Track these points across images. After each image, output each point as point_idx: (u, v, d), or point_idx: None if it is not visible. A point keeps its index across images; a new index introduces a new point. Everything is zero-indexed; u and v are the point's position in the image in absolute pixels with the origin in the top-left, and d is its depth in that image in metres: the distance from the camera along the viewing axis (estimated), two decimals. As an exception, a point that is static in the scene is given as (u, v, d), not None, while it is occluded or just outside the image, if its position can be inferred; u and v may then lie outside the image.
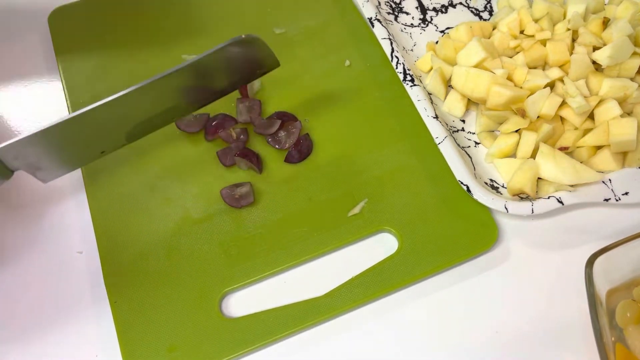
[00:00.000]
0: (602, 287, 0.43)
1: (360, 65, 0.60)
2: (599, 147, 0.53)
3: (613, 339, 0.42)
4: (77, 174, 0.54)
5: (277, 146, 0.55)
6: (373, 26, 0.59)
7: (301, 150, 0.54)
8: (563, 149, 0.52)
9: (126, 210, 0.52)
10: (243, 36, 0.47)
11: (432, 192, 0.52)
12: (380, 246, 0.51)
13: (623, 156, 0.52)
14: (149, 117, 0.49)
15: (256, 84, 0.58)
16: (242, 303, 0.48)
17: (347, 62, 0.60)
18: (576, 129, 0.53)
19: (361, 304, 0.48)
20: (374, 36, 0.60)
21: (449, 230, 0.50)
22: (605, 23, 0.55)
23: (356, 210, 0.52)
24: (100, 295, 0.49)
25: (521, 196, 0.51)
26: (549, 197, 0.49)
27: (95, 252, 0.51)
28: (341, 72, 0.60)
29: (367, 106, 0.58)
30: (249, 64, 0.50)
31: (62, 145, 0.46)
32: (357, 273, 0.49)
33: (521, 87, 0.54)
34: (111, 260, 0.50)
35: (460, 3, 0.64)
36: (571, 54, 0.55)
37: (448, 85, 0.58)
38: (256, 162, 0.53)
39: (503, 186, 0.53)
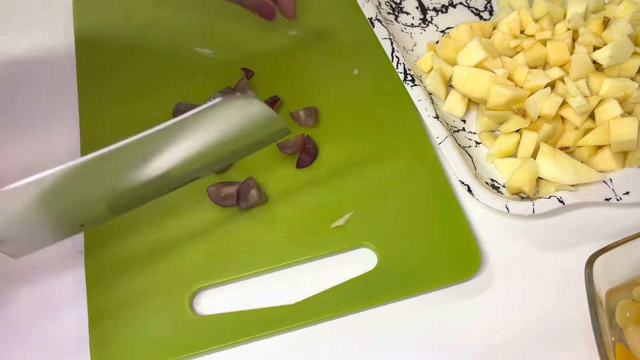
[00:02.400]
0: (602, 287, 0.43)
1: (368, 76, 0.60)
2: (599, 147, 0.53)
3: (613, 338, 0.42)
4: None
5: (286, 150, 0.54)
6: (373, 26, 0.59)
7: (310, 152, 0.54)
8: (564, 148, 0.52)
9: None
10: (237, 94, 0.43)
11: (419, 215, 0.51)
12: (359, 261, 0.50)
13: (624, 156, 0.52)
14: (134, 185, 0.42)
15: None
16: (213, 301, 0.48)
17: (355, 71, 0.60)
18: (577, 128, 0.53)
19: (330, 318, 0.47)
20: (382, 46, 0.59)
21: (431, 253, 0.49)
22: (606, 23, 0.55)
23: (340, 222, 0.51)
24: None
25: (521, 196, 0.51)
26: (549, 197, 0.49)
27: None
28: (348, 81, 0.60)
29: (371, 117, 0.57)
30: (253, 131, 0.44)
31: (32, 215, 0.39)
32: (331, 286, 0.48)
33: (522, 87, 0.54)
34: (94, 246, 0.50)
35: (461, 3, 0.64)
36: (571, 53, 0.55)
37: (448, 85, 0.58)
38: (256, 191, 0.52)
39: (504, 186, 0.53)
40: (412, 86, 0.55)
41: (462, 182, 0.50)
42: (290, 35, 0.63)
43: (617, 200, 0.50)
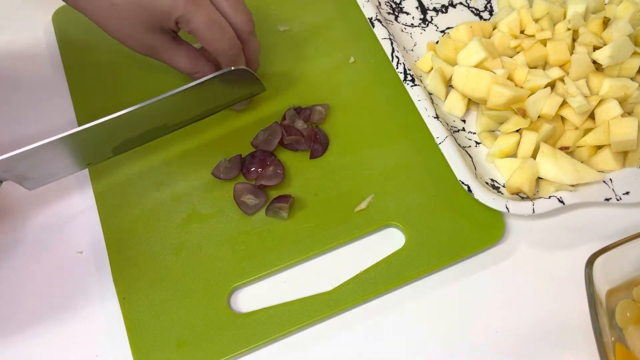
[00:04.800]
0: (602, 287, 0.43)
1: (365, 62, 0.60)
2: (599, 147, 0.53)
3: (613, 338, 0.42)
4: (84, 171, 0.54)
5: (299, 147, 0.54)
6: (373, 26, 0.59)
7: (321, 142, 0.54)
8: (564, 148, 0.52)
9: (133, 206, 0.52)
10: (232, 68, 0.50)
11: (438, 187, 0.52)
12: (387, 241, 0.51)
13: (624, 156, 0.52)
14: (137, 135, 0.50)
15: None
16: (250, 298, 0.48)
17: (352, 59, 0.60)
18: (577, 128, 0.53)
19: (367, 299, 0.48)
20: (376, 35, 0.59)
21: (455, 224, 0.50)
22: (606, 23, 0.55)
23: (363, 205, 0.51)
24: (100, 294, 0.49)
25: (521, 195, 0.51)
26: (549, 197, 0.49)
27: (96, 252, 0.50)
28: (346, 69, 0.60)
29: (372, 103, 0.58)
30: (236, 90, 0.53)
31: (51, 160, 0.48)
32: (364, 268, 0.49)
33: (522, 87, 0.53)
34: (119, 256, 0.50)
35: (461, 3, 0.64)
36: (571, 53, 0.54)
37: (448, 85, 0.58)
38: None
39: (504, 186, 0.52)
40: (412, 86, 0.55)
41: (462, 182, 0.50)
42: (280, 31, 0.62)
43: (617, 200, 0.50)
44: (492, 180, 0.52)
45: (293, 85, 0.59)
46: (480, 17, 0.63)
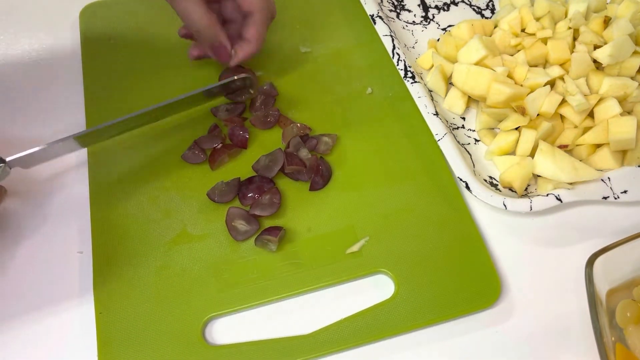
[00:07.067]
0: (602, 287, 0.42)
1: (383, 94, 0.56)
2: (598, 146, 0.51)
3: (613, 338, 0.41)
4: (85, 189, 0.52)
5: (300, 177, 0.51)
6: (375, 23, 0.57)
7: (323, 175, 0.51)
8: (562, 147, 0.51)
9: (126, 218, 0.49)
10: (235, 77, 0.53)
11: (437, 240, 0.48)
12: (376, 288, 0.46)
13: (622, 154, 0.51)
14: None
15: None
16: (225, 330, 0.45)
17: (369, 90, 0.57)
18: (576, 127, 0.51)
19: (345, 349, 0.44)
20: (394, 63, 0.56)
21: (448, 281, 0.46)
22: (607, 22, 0.54)
23: (355, 248, 0.47)
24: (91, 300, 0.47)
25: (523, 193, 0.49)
26: (547, 195, 0.48)
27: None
28: (362, 100, 0.56)
29: (384, 139, 0.54)
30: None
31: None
32: (348, 315, 0.45)
33: (521, 85, 0.52)
34: (104, 269, 0.47)
35: (462, 1, 0.62)
36: (572, 52, 0.53)
37: (449, 82, 0.56)
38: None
39: (502, 183, 0.50)
40: (412, 83, 0.53)
41: (461, 179, 0.48)
42: (302, 52, 0.59)
43: (615, 198, 0.48)
44: (490, 177, 0.51)
45: (304, 110, 0.55)
46: (482, 15, 0.61)
